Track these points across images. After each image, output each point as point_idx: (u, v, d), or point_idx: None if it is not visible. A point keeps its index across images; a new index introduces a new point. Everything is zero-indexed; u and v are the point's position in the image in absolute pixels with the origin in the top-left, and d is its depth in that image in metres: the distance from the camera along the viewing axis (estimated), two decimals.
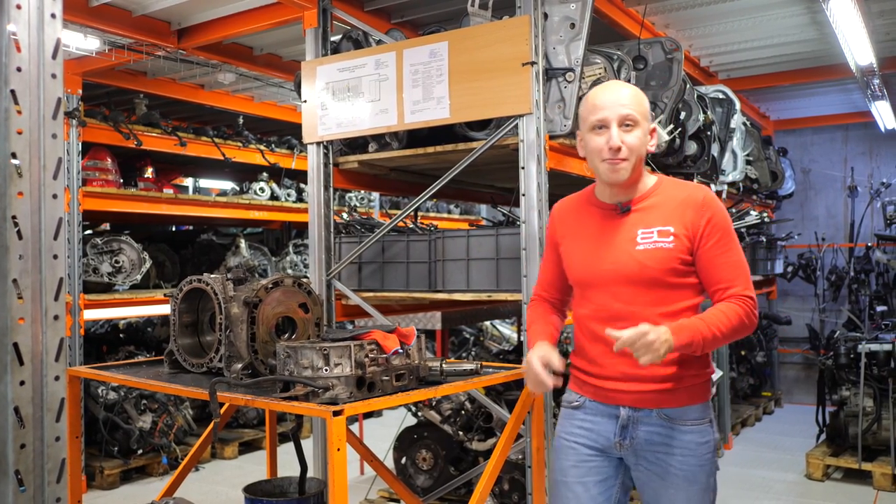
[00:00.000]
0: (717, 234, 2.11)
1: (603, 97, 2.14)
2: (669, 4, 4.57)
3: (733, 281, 2.11)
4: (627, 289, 2.13)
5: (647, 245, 2.11)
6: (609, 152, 2.09)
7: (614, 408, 2.18)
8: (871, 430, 5.25)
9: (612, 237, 2.18)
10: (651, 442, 2.16)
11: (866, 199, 8.26)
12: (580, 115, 2.22)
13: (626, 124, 2.10)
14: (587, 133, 2.17)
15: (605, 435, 2.20)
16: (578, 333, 2.29)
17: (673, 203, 2.15)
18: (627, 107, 2.11)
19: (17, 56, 1.52)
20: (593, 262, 2.18)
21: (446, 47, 3.62)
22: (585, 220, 2.26)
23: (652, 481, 2.17)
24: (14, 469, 1.50)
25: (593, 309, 2.20)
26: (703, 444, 2.16)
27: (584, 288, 2.24)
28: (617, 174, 2.11)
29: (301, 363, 2.36)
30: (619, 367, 2.14)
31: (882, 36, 5.12)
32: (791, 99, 7.47)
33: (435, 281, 3.97)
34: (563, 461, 2.25)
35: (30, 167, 1.54)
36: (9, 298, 1.51)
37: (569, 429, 2.27)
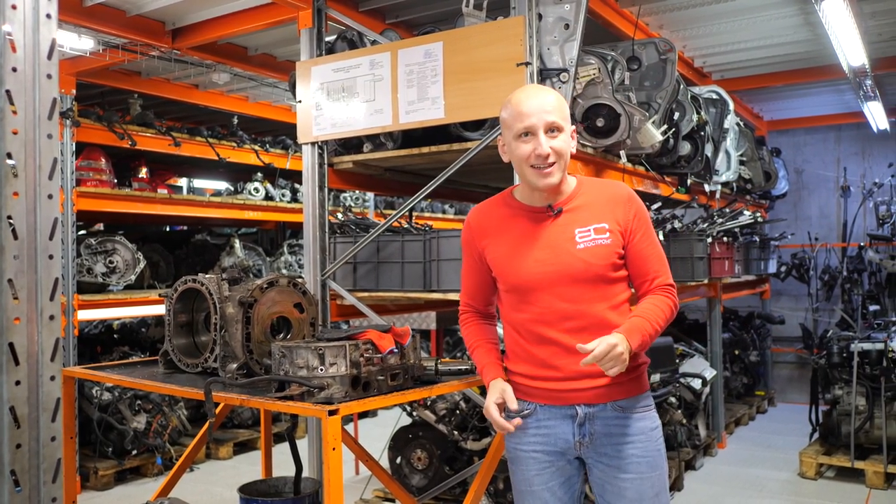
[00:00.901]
0: (642, 227, 2.20)
1: (528, 104, 2.14)
2: (663, 5, 4.59)
3: (658, 271, 2.21)
4: (573, 288, 2.14)
5: (588, 243, 2.14)
6: (537, 159, 2.11)
7: (569, 408, 2.18)
8: (863, 429, 5.28)
9: (548, 239, 2.18)
10: (609, 434, 2.17)
11: (859, 199, 8.31)
12: (502, 120, 2.21)
13: (552, 130, 2.12)
14: (513, 140, 2.16)
15: (562, 437, 2.19)
16: (518, 339, 2.24)
17: (600, 201, 2.20)
18: (552, 113, 2.12)
19: (12, 56, 1.52)
20: (535, 267, 2.17)
21: (441, 48, 3.63)
22: (511, 225, 2.24)
23: (614, 478, 2.17)
24: (10, 469, 1.51)
25: (538, 312, 2.17)
26: (655, 429, 2.23)
27: (523, 292, 2.20)
28: (547, 179, 2.12)
29: (296, 363, 2.36)
30: (573, 367, 2.12)
31: (874, 37, 5.15)
32: (784, 99, 7.51)
33: (430, 280, 3.98)
34: (526, 471, 2.24)
35: (25, 167, 1.54)
36: (4, 298, 1.51)
37: (523, 439, 2.23)
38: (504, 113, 2.20)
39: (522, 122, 2.12)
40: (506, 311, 2.28)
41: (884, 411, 5.20)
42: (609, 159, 4.10)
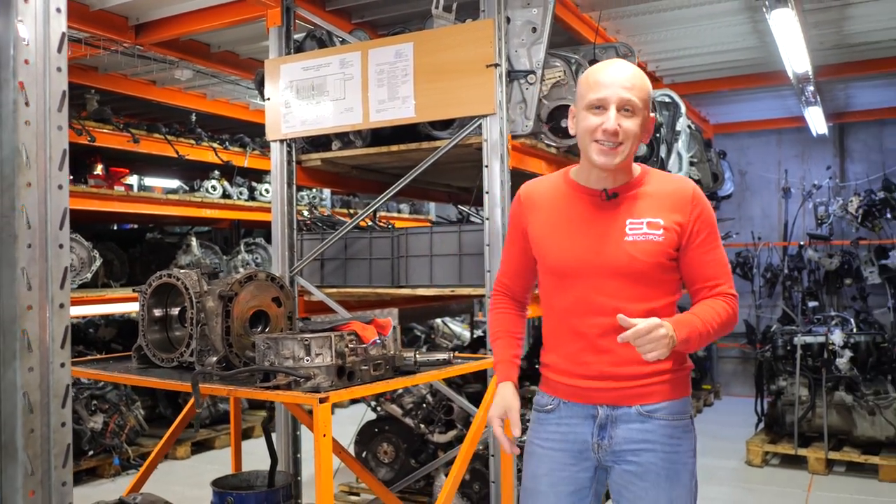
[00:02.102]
0: (705, 230, 2.02)
1: (605, 74, 1.97)
2: (620, 11, 4.75)
3: (720, 278, 2.03)
4: (612, 282, 1.98)
5: (637, 237, 1.98)
6: (604, 134, 1.93)
7: (591, 407, 2.05)
8: (806, 418, 5.55)
9: (597, 225, 2.02)
10: (630, 440, 2.02)
11: (799, 200, 8.65)
12: (577, 91, 2.05)
13: (626, 109, 1.95)
14: (582, 110, 1.99)
15: (581, 438, 2.06)
16: (554, 327, 2.12)
17: (662, 195, 2.03)
18: (630, 91, 1.95)
19: (24, 49, 1.55)
20: (577, 251, 2.02)
21: (412, 48, 3.71)
22: (563, 205, 2.08)
23: (632, 484, 2.03)
24: (24, 453, 1.54)
25: (572, 301, 2.03)
26: (685, 442, 2.06)
27: (561, 277, 2.05)
28: (608, 158, 1.95)
29: (282, 353, 2.42)
30: (599, 365, 2.01)
31: (817, 45, 5.41)
32: (730, 104, 7.79)
33: (398, 277, 4.06)
34: (536, 468, 2.13)
35: (37, 158, 1.57)
36: (18, 286, 1.54)
37: (542, 434, 2.13)
38: (580, 83, 2.04)
39: (596, 93, 1.95)
40: (545, 295, 2.14)
41: (825, 401, 5.47)
42: (572, 158, 4.23)
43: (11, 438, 1.54)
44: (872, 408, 5.40)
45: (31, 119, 1.56)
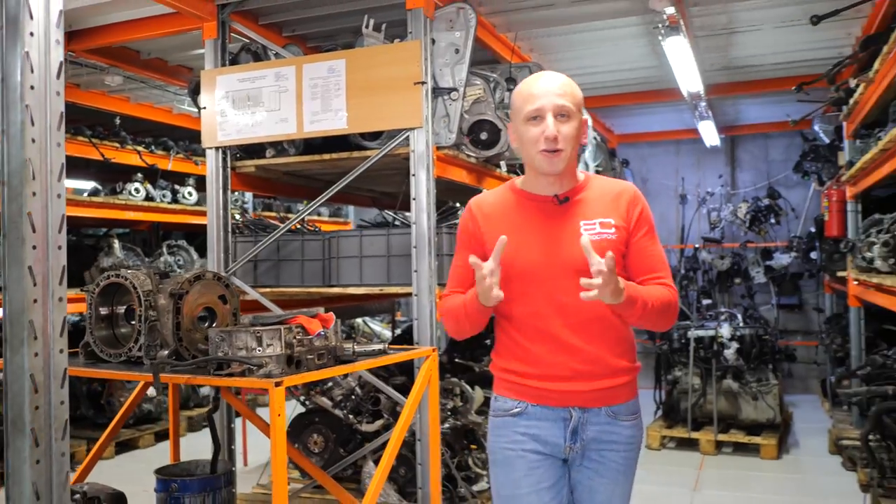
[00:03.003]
0: (646, 226, 2.15)
1: (538, 86, 2.08)
2: (534, 32, 5.16)
3: (661, 271, 2.15)
4: (575, 281, 2.00)
5: (593, 236, 2.06)
6: (546, 142, 2.04)
7: (563, 410, 2.11)
8: (698, 404, 6.11)
9: (554, 229, 2.12)
10: (598, 440, 2.13)
11: (694, 205, 9.36)
12: (512, 105, 2.14)
13: (562, 115, 2.05)
14: (522, 124, 2.10)
15: (552, 440, 2.13)
16: (513, 334, 2.18)
17: (607, 196, 2.15)
18: (562, 97, 2.06)
19: (30, 76, 1.78)
20: (538, 256, 2.10)
21: (344, 64, 4.00)
22: (517, 214, 2.17)
23: (588, 478, 2.14)
24: (30, 427, 1.77)
25: (538, 305, 2.11)
26: (639, 437, 2.22)
27: (525, 283, 2.12)
28: (554, 164, 2.07)
29: (236, 345, 2.67)
30: (571, 364, 2.09)
31: (708, 67, 5.99)
32: (633, 116, 8.38)
33: (329, 277, 4.33)
34: (513, 472, 2.14)
35: (40, 170, 1.80)
36: (25, 283, 1.76)
37: (510, 437, 2.16)
38: (514, 97, 2.13)
39: (531, 104, 2.06)
40: (501, 305, 2.14)
41: (714, 388, 6.05)
42: (489, 168, 4.62)
43: (20, 414, 1.77)
44: (755, 394, 6.01)
45: (36, 136, 1.79)
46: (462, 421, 4.57)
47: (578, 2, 4.57)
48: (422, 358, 3.42)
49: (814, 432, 6.52)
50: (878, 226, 4.89)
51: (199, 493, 3.41)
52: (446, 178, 4.13)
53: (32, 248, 1.78)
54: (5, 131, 1.79)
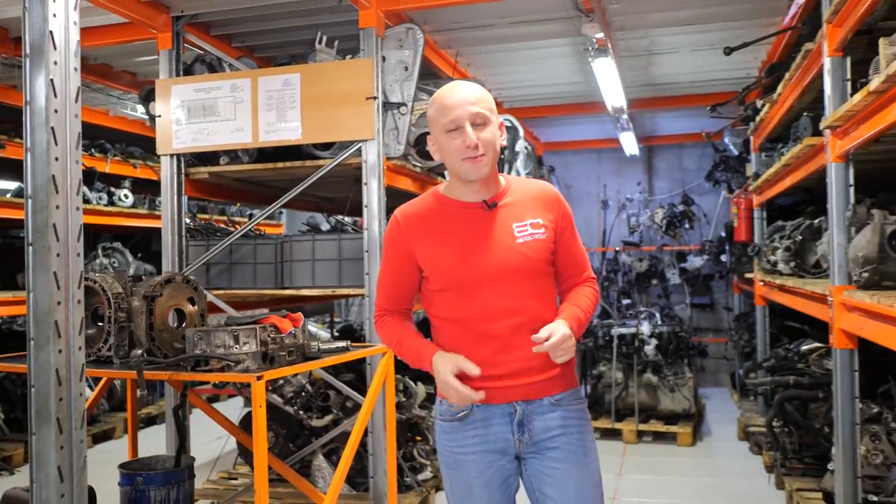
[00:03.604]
0: (569, 224, 2.26)
1: (451, 97, 2.13)
2: (472, 49, 5.49)
3: (584, 266, 2.30)
4: (512, 282, 2.14)
5: (526, 237, 2.16)
6: (468, 150, 2.09)
7: (507, 406, 2.17)
8: (621, 397, 6.56)
9: (486, 234, 2.17)
10: (547, 428, 2.17)
11: (615, 211, 9.90)
12: (430, 118, 2.19)
13: (478, 122, 2.10)
14: (441, 136, 2.14)
15: (502, 437, 2.18)
16: (454, 339, 2.20)
17: (531, 197, 2.22)
18: (476, 104, 2.11)
19: (54, 100, 1.99)
20: (474, 262, 2.15)
21: (299, 78, 4.22)
22: (446, 222, 2.20)
23: (555, 469, 2.16)
24: (55, 417, 1.97)
25: (479, 308, 2.15)
26: (588, 421, 2.27)
27: (462, 289, 2.16)
28: (479, 170, 2.12)
29: (214, 343, 2.89)
30: (513, 363, 2.15)
31: (630, 83, 6.44)
32: (559, 126, 8.82)
33: (282, 279, 4.55)
34: (465, 475, 2.21)
35: (62, 185, 2.00)
36: (50, 287, 1.96)
37: (460, 441, 2.21)
38: (430, 111, 2.18)
39: (448, 116, 2.11)
40: (440, 312, 2.23)
41: (636, 382, 6.51)
42: (432, 176, 4.92)
43: (46, 405, 1.97)
44: (673, 386, 6.51)
45: (59, 155, 1.99)
46: (406, 415, 4.85)
47: (516, 23, 4.92)
48: (378, 355, 3.68)
49: (724, 421, 7.08)
50: (780, 232, 5.42)
51: (164, 486, 3.57)
52: (394, 187, 4.41)
53: (56, 255, 1.98)
54: (31, 150, 1.98)
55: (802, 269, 4.75)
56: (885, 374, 4.13)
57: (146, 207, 7.62)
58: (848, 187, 3.52)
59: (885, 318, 2.89)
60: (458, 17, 4.76)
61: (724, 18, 4.93)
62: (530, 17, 4.79)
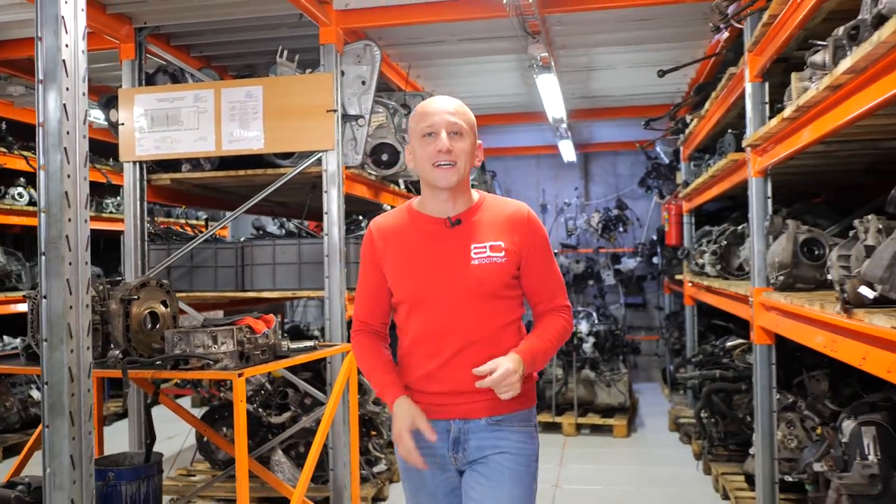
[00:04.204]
0: (540, 248, 2.21)
1: (432, 106, 2.15)
2: (423, 62, 5.77)
3: (556, 293, 2.24)
4: (463, 303, 2.12)
5: (482, 260, 2.13)
6: (439, 155, 2.09)
7: (444, 423, 2.17)
8: (560, 392, 6.93)
9: (444, 252, 2.16)
10: (482, 448, 2.16)
11: (553, 214, 10.31)
12: (410, 129, 2.21)
13: (455, 132, 2.11)
14: (417, 143, 2.15)
15: (439, 452, 2.19)
16: (410, 350, 2.22)
17: (500, 218, 2.19)
18: (455, 115, 2.13)
19: (66, 123, 2.18)
20: (428, 279, 2.15)
21: (261, 91, 4.42)
22: (411, 237, 2.20)
23: (478, 484, 2.15)
24: (69, 411, 2.17)
25: (427, 325, 2.17)
26: (530, 446, 2.21)
27: (415, 304, 2.18)
28: (449, 177, 2.10)
29: (193, 343, 3.08)
30: (452, 382, 2.14)
31: (570, 96, 6.82)
32: (501, 133, 9.17)
33: (243, 282, 4.73)
34: (414, 485, 2.27)
35: (73, 200, 2.20)
36: (64, 293, 2.16)
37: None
38: (411, 121, 2.20)
39: (425, 122, 2.12)
40: (401, 322, 2.26)
41: (575, 378, 6.89)
42: (386, 184, 5.17)
43: (59, 400, 2.16)
44: (609, 381, 6.91)
45: (71, 173, 2.18)
46: (361, 411, 5.09)
47: (465, 40, 5.22)
48: (340, 354, 3.92)
49: (656, 414, 7.53)
50: (708, 237, 5.87)
51: (135, 481, 3.73)
52: (351, 194, 4.65)
53: (69, 264, 2.18)
54: (45, 168, 2.17)
55: (727, 271, 5.17)
56: (800, 367, 4.57)
57: (94, 210, 7.64)
58: (766, 199, 3.93)
59: (797, 317, 3.28)
60: (412, 35, 5.03)
61: (657, 40, 5.33)
62: (479, 35, 5.10)
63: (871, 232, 2.65)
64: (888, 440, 3.19)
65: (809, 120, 2.93)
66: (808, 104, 2.78)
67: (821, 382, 4.32)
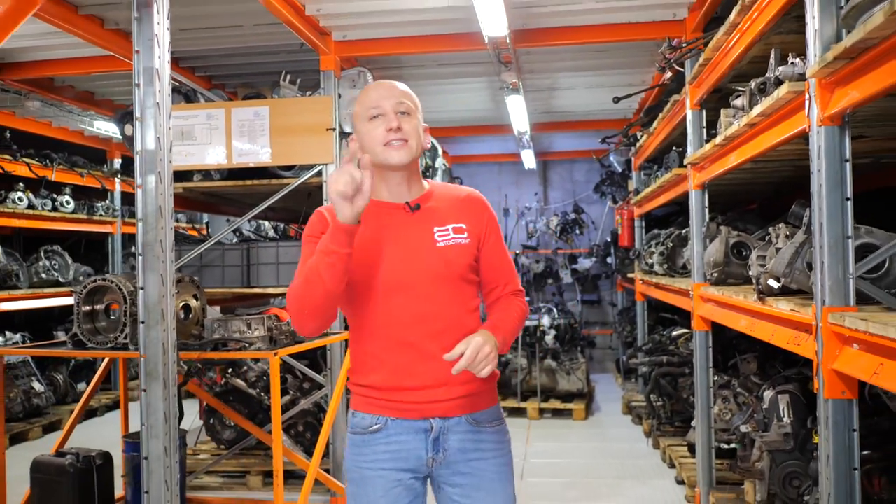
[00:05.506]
0: (495, 232, 2.18)
1: (377, 90, 2.10)
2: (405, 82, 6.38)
3: (510, 278, 2.21)
4: (432, 288, 2.04)
5: (448, 242, 2.08)
6: (390, 134, 2.01)
7: (423, 421, 2.05)
8: (525, 380, 7.63)
9: (408, 237, 2.08)
10: (464, 450, 2.07)
11: (515, 218, 11.03)
12: (354, 114, 2.13)
13: (402, 112, 2.05)
14: (364, 126, 2.07)
15: (414, 453, 2.06)
16: (370, 347, 2.08)
17: (457, 201, 2.16)
18: (401, 97, 2.08)
19: (160, 152, 2.79)
20: (394, 265, 2.04)
21: (268, 111, 5.01)
22: (368, 223, 2.01)
23: (467, 496, 2.08)
24: (162, 377, 2.77)
25: (396, 314, 2.04)
26: (507, 442, 2.18)
27: (381, 293, 2.04)
28: (403, 154, 2.02)
29: (231, 329, 3.68)
30: (430, 374, 2.03)
31: (533, 111, 7.53)
32: (467, 142, 9.84)
33: (248, 279, 5.31)
34: (371, 493, 2.07)
35: (164, 212, 2.81)
36: (158, 285, 2.76)
37: (370, 456, 2.07)
38: (356, 107, 2.12)
39: (372, 104, 2.06)
40: (358, 315, 2.11)
41: (538, 367, 7.59)
42: None
43: (156, 368, 2.76)
44: (569, 370, 7.63)
45: (162, 191, 2.79)
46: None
47: (444, 65, 5.88)
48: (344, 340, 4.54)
49: (611, 400, 8.29)
50: (656, 239, 6.61)
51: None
52: None
53: (161, 262, 2.78)
54: (142, 187, 2.77)
55: (673, 269, 5.91)
56: (734, 353, 5.32)
57: (86, 213, 8.10)
58: (704, 208, 4.66)
59: (727, 306, 4.01)
60: (400, 61, 5.68)
61: (612, 67, 6.08)
62: (457, 61, 5.76)
63: (780, 237, 3.37)
64: (798, 405, 3.94)
65: (735, 147, 3.65)
66: (733, 135, 3.50)
67: (751, 364, 5.07)
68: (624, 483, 5.37)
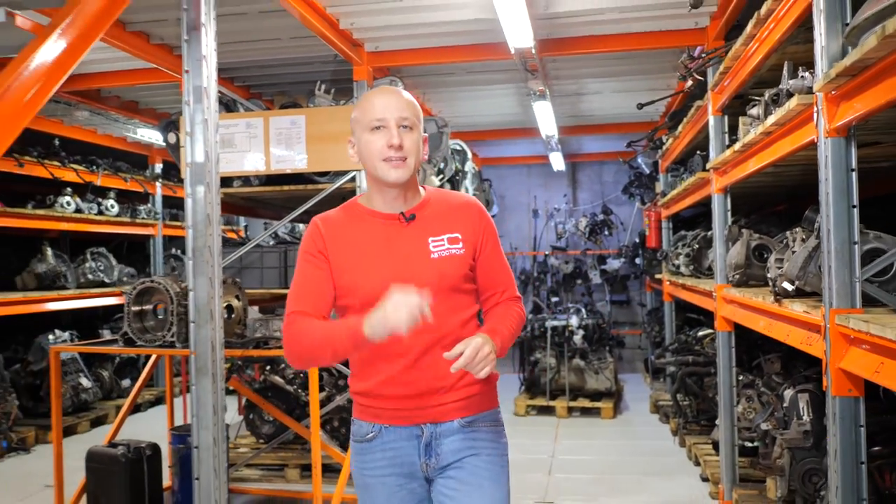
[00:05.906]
0: (492, 240, 2.18)
1: (380, 99, 2.06)
2: (435, 89, 6.60)
3: (507, 285, 2.21)
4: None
5: (442, 252, 2.07)
6: (390, 150, 2.00)
7: (415, 428, 2.08)
8: (553, 379, 7.78)
9: (402, 248, 2.07)
10: (456, 450, 2.09)
11: (544, 219, 11.16)
12: (353, 119, 2.10)
13: (405, 126, 2.03)
14: (364, 136, 2.05)
15: (408, 460, 2.09)
16: (369, 354, 2.06)
17: (452, 211, 2.15)
18: (405, 110, 2.04)
19: (208, 164, 3.01)
20: (388, 276, 2.00)
21: (304, 120, 5.23)
22: (363, 233, 2.08)
23: (456, 491, 2.08)
24: (211, 373, 2.99)
25: None
26: (503, 445, 2.17)
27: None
28: (400, 173, 2.02)
29: (272, 328, 3.90)
30: (422, 382, 2.05)
31: (560, 114, 7.68)
32: (497, 146, 10.01)
33: (286, 281, 5.53)
34: (375, 498, 2.12)
35: (212, 219, 3.02)
36: (207, 286, 2.98)
37: (369, 464, 2.12)
38: (356, 112, 2.10)
39: (374, 115, 2.03)
40: None
41: (566, 366, 7.74)
42: None
43: (206, 364, 2.98)
44: (597, 369, 7.77)
45: (210, 200, 3.01)
46: None
47: (472, 72, 6.07)
48: None
49: (639, 399, 8.40)
50: (683, 241, 6.72)
51: None
52: None
53: (210, 266, 3.00)
54: (192, 196, 2.99)
55: (699, 271, 6.02)
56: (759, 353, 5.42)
57: (129, 216, 8.42)
58: (727, 212, 4.78)
59: (747, 307, 4.13)
60: (429, 69, 5.87)
61: (637, 73, 6.21)
62: (484, 69, 5.94)
63: (797, 241, 3.50)
64: (818, 403, 4.05)
65: (753, 154, 3.78)
66: (750, 143, 3.64)
67: (774, 364, 5.17)
68: (650, 479, 5.51)
